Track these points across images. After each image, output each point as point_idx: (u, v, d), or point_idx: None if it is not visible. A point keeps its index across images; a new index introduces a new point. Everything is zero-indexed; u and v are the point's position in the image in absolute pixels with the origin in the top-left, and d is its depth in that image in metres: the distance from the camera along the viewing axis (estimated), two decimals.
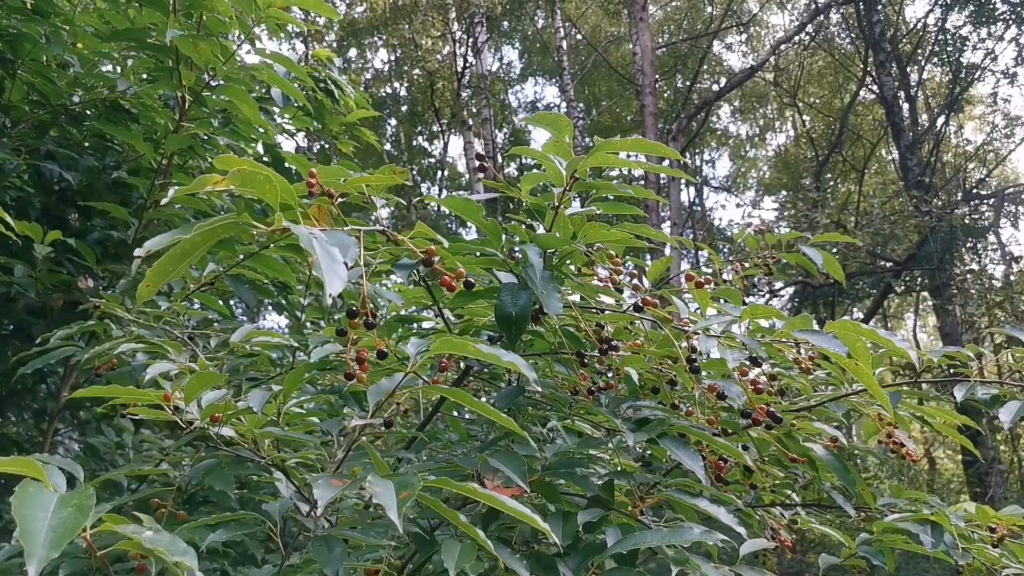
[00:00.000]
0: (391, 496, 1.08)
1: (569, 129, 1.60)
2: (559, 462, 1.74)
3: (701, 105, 18.26)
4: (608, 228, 1.71)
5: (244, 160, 1.18)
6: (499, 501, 1.14)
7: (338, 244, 1.17)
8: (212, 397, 1.65)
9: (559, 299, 1.54)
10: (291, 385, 1.80)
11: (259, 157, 3.73)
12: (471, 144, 18.99)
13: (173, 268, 1.19)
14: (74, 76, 3.55)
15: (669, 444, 1.60)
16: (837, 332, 1.55)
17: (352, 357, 1.42)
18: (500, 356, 1.22)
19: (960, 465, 18.11)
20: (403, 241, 1.47)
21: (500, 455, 1.51)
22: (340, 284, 1.09)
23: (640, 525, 1.62)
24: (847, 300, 17.91)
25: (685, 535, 1.45)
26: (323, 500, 1.13)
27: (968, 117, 21.02)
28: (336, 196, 1.49)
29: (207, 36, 2.94)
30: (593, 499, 1.66)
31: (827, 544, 10.94)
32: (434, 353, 1.30)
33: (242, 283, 3.03)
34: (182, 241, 1.16)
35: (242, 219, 1.19)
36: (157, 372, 1.93)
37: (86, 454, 3.73)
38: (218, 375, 1.61)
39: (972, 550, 2.00)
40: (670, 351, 1.71)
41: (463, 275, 1.51)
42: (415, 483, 1.12)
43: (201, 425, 1.65)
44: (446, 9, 19.67)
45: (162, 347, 2.22)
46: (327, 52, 3.84)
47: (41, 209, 3.49)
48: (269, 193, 1.18)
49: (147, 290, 1.21)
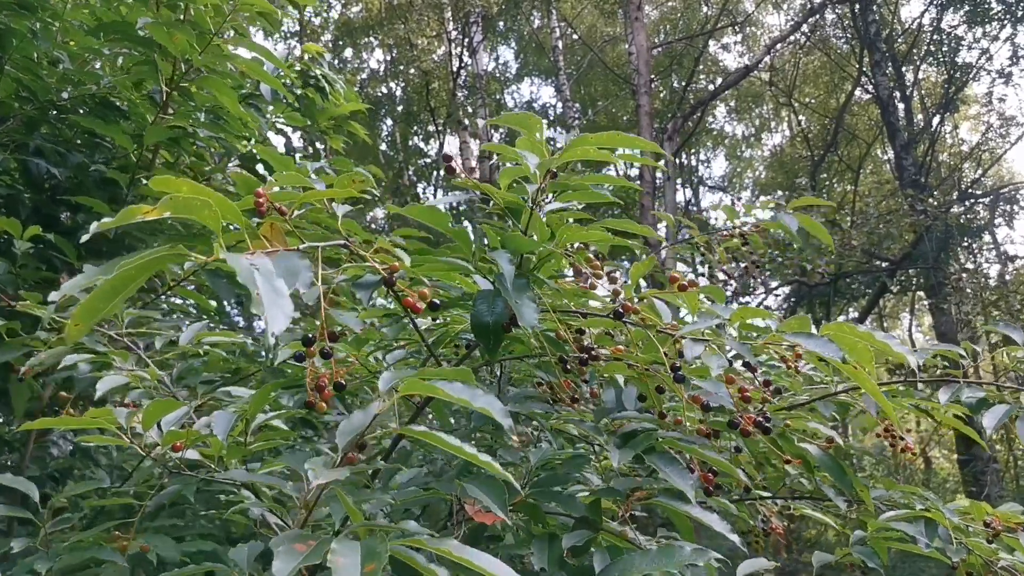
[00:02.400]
0: (355, 571, 1.00)
1: (539, 127, 1.55)
2: (544, 479, 1.68)
3: (697, 105, 18.25)
4: (587, 228, 1.64)
5: (183, 181, 1.10)
6: (479, 567, 1.06)
7: (286, 272, 1.10)
8: (172, 419, 1.58)
9: (535, 308, 1.47)
10: (257, 405, 1.74)
11: (250, 153, 3.69)
12: (467, 144, 18.94)
13: (104, 305, 1.10)
14: (63, 72, 3.50)
15: (657, 461, 1.55)
16: (833, 335, 1.50)
17: (312, 385, 1.37)
18: (472, 401, 1.15)
19: (956, 465, 18.11)
20: (366, 256, 1.41)
21: (479, 482, 1.43)
22: (285, 320, 1.02)
23: (629, 546, 1.57)
24: (843, 299, 17.90)
25: (676, 556, 1.37)
26: (283, 574, 1.02)
27: (963, 117, 21.05)
28: (290, 212, 1.41)
29: (184, 25, 2.88)
30: (580, 520, 1.61)
31: (823, 544, 10.93)
32: (403, 393, 1.23)
33: (219, 277, 2.96)
34: (108, 280, 1.06)
35: (175, 251, 1.10)
36: (108, 387, 1.84)
37: (74, 455, 3.68)
38: (177, 401, 1.55)
39: (967, 544, 1.96)
40: (656, 356, 1.66)
41: (426, 296, 1.44)
42: (382, 552, 1.03)
43: (162, 451, 1.59)
44: (442, 9, 19.62)
45: (106, 356, 2.11)
46: (317, 47, 3.79)
47: (31, 207, 3.44)
48: (209, 218, 1.10)
49: (77, 330, 1.12)
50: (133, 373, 1.93)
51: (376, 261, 1.40)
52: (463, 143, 19.14)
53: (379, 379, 1.29)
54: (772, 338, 1.58)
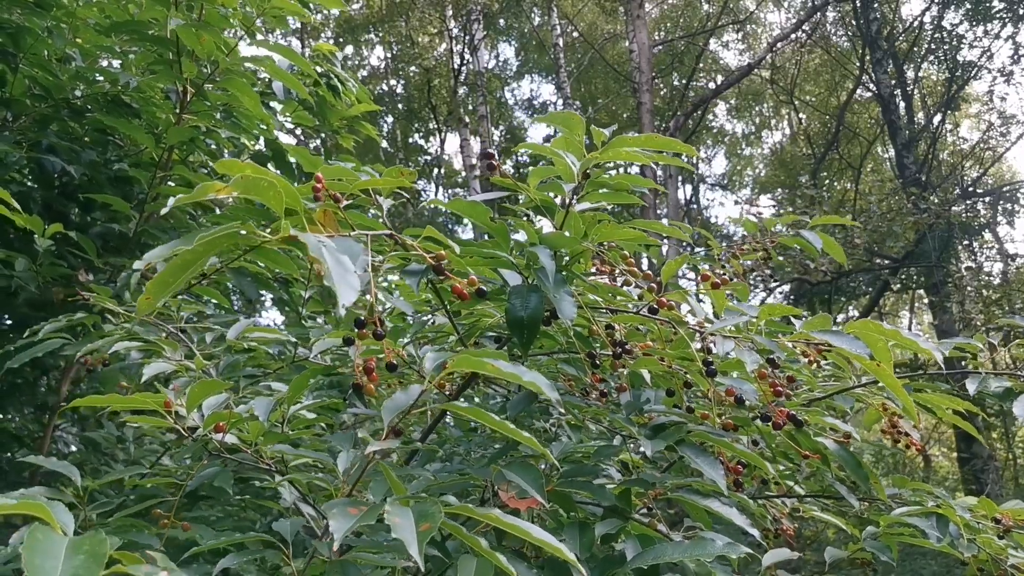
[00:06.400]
0: (411, 529, 1.03)
1: (581, 127, 1.57)
2: (574, 469, 1.69)
3: (698, 103, 18.27)
4: (619, 227, 1.66)
5: (247, 164, 1.13)
6: (525, 531, 1.08)
7: (347, 252, 1.13)
8: (214, 403, 1.61)
9: (573, 303, 1.49)
10: (296, 391, 1.77)
11: (261, 152, 3.71)
12: (467, 141, 18.95)
13: (174, 280, 1.13)
14: (76, 70, 3.52)
15: (688, 451, 1.56)
16: (858, 333, 1.51)
17: (360, 367, 1.38)
18: (521, 376, 1.17)
19: (955, 463, 18.15)
20: (412, 246, 1.42)
21: (515, 467, 1.46)
22: (353, 295, 1.05)
23: (659, 536, 1.58)
24: (843, 297, 17.93)
25: (708, 548, 1.38)
26: (340, 532, 1.07)
27: (964, 115, 21.06)
28: (342, 200, 1.44)
29: (208, 28, 2.91)
30: (610, 509, 1.62)
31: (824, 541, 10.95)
32: (451, 370, 1.25)
33: (244, 276, 3.01)
34: (183, 252, 1.09)
35: (246, 228, 1.14)
36: (154, 373, 1.90)
37: (87, 449, 3.70)
38: (221, 383, 1.58)
39: (978, 541, 1.99)
40: (684, 352, 1.67)
41: (475, 283, 1.46)
42: (436, 513, 1.06)
43: (203, 433, 1.62)
44: (443, 6, 19.63)
45: (157, 344, 2.17)
46: (329, 46, 3.81)
47: (42, 203, 3.46)
48: (273, 199, 1.14)
49: (147, 303, 1.15)
50: (180, 363, 1.97)
51: (422, 250, 1.41)
52: (464, 141, 19.15)
53: (421, 366, 1.31)
54: (797, 335, 1.59)
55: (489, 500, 1.57)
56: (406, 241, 1.41)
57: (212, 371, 2.07)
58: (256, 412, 1.57)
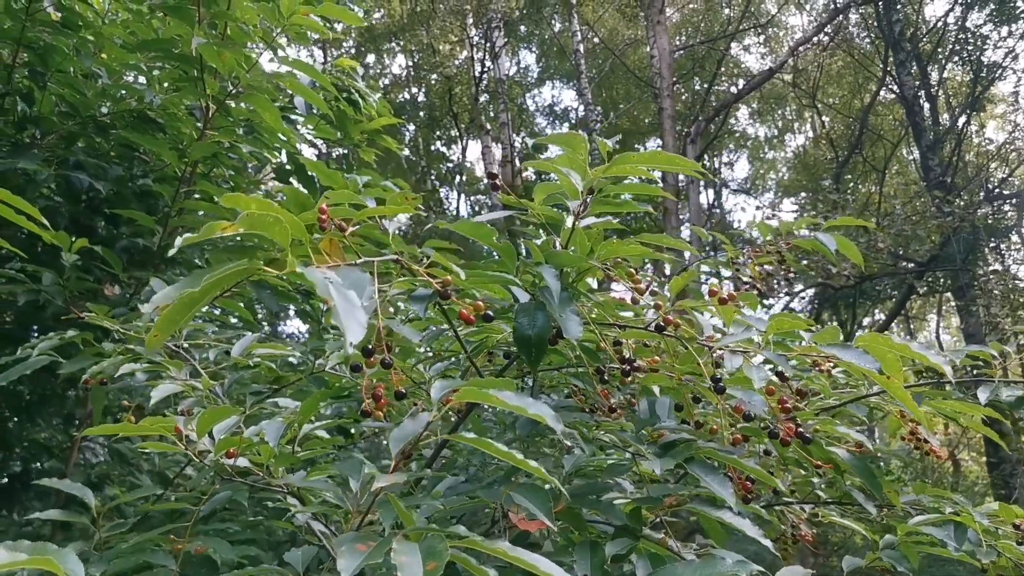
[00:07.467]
0: (418, 569, 1.03)
1: (583, 147, 1.58)
2: (584, 488, 1.70)
3: (719, 107, 18.22)
4: (625, 242, 1.68)
5: (253, 199, 1.16)
6: (533, 564, 1.10)
7: (353, 284, 1.13)
8: (224, 427, 1.63)
9: (578, 322, 1.50)
10: (306, 413, 1.78)
11: (283, 166, 3.77)
12: (489, 148, 19.02)
13: (181, 317, 1.16)
14: (102, 87, 3.60)
15: (697, 469, 1.57)
16: (867, 346, 1.51)
17: (368, 393, 1.39)
18: (527, 408, 1.17)
19: (984, 468, 17.90)
20: (418, 272, 1.43)
21: (524, 490, 1.46)
22: (361, 332, 1.05)
23: (669, 555, 1.58)
24: (868, 301, 17.77)
25: (718, 567, 1.37)
26: (348, 572, 1.05)
27: (989, 116, 20.81)
28: (348, 228, 1.46)
29: (231, 45, 2.98)
30: (620, 528, 1.63)
31: (850, 547, 10.86)
32: (457, 401, 1.26)
33: (264, 289, 3.06)
34: (195, 292, 1.12)
35: (252, 266, 1.16)
36: (162, 395, 1.89)
37: (113, 459, 3.77)
38: (231, 408, 1.60)
39: (997, 547, 1.98)
40: (693, 367, 1.68)
41: (481, 308, 1.47)
42: (442, 551, 1.07)
43: (215, 458, 1.64)
44: (464, 14, 19.73)
45: (162, 365, 2.17)
46: (350, 61, 3.87)
47: (69, 218, 3.53)
48: (279, 234, 1.16)
49: (156, 340, 1.18)
50: (186, 383, 1.99)
51: (427, 275, 1.43)
52: (485, 148, 19.22)
53: (428, 388, 1.33)
54: (806, 349, 1.60)
55: (499, 521, 1.59)
56: (413, 267, 1.44)
57: (218, 389, 2.09)
58: (267, 437, 1.59)
